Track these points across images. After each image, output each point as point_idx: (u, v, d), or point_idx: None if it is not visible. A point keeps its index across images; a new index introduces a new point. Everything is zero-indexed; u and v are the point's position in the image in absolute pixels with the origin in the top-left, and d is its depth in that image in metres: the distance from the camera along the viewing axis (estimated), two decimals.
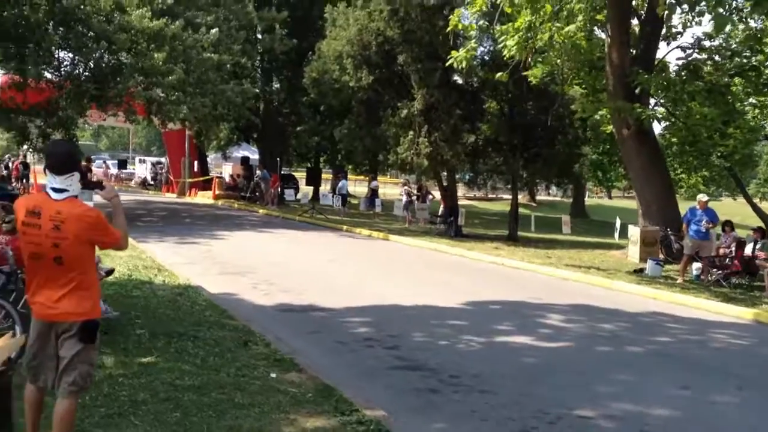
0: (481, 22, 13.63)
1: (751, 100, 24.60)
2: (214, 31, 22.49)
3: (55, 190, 4.17)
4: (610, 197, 69.45)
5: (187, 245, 16.93)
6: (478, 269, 15.95)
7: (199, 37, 21.93)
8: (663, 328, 10.44)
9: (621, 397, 6.70)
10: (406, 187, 28.89)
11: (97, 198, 6.34)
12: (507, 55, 14.04)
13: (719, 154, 32.15)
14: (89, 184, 4.49)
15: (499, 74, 14.92)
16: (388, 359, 7.64)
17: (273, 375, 6.44)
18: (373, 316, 9.88)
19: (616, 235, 19.63)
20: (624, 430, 5.82)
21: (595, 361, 8.11)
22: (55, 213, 4.10)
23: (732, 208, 37.83)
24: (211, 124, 26.95)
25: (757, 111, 27.55)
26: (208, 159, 43.04)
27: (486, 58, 21.91)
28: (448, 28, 14.66)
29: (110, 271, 8.91)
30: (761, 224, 24.76)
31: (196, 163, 37.77)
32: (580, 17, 13.94)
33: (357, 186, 47.44)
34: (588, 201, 50.53)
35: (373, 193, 30.77)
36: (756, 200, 39.41)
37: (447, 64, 15.37)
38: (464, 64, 14.07)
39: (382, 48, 22.23)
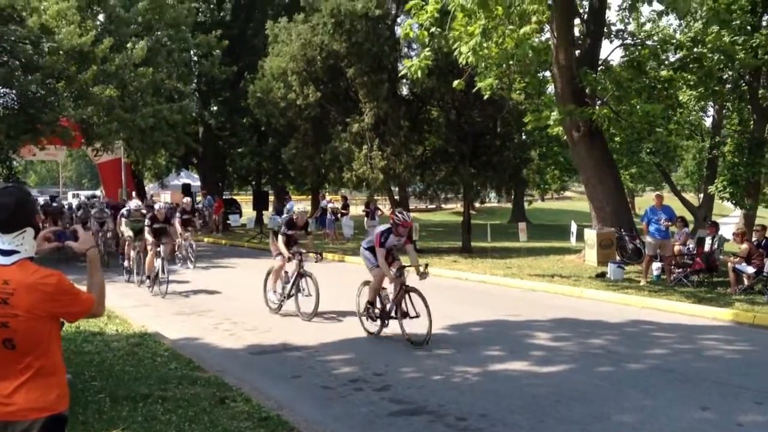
0: (433, 29, 12.98)
1: (691, 93, 24.71)
2: (141, 44, 21.42)
3: (1, 252, 3.28)
4: (543, 200, 69.97)
5: (134, 285, 15.82)
6: (443, 286, 15.29)
7: (128, 53, 20.90)
8: (651, 338, 10.03)
9: (645, 427, 6.11)
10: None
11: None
12: (462, 62, 13.46)
13: (648, 150, 32.54)
14: (60, 234, 3.58)
15: (456, 82, 14.35)
16: (384, 404, 6.87)
17: None
18: (352, 351, 9.12)
19: (573, 239, 19.37)
20: None
21: (601, 384, 7.52)
22: (2, 283, 3.21)
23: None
24: (149, 148, 25.81)
25: (697, 103, 27.83)
26: (146, 189, 41.54)
27: (429, 64, 21.46)
28: (401, 37, 14.07)
29: None
30: (690, 217, 25.17)
31: (133, 193, 36.29)
32: (534, 18, 13.46)
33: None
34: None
35: (323, 212, 29.86)
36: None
37: (401, 74, 14.78)
38: (419, 73, 13.45)
39: (328, 62, 21.62)
